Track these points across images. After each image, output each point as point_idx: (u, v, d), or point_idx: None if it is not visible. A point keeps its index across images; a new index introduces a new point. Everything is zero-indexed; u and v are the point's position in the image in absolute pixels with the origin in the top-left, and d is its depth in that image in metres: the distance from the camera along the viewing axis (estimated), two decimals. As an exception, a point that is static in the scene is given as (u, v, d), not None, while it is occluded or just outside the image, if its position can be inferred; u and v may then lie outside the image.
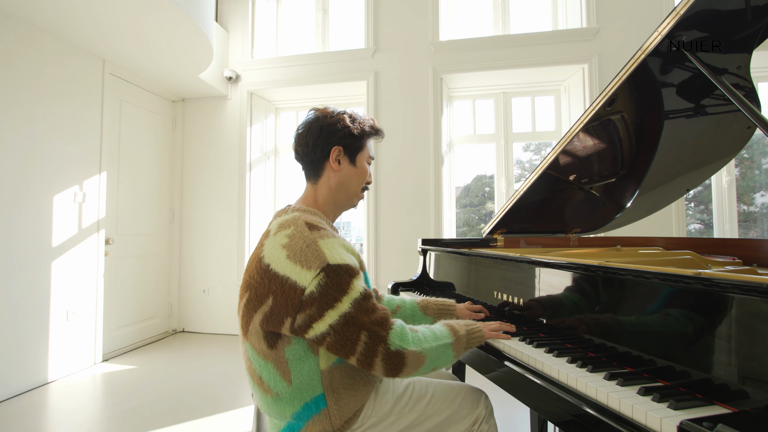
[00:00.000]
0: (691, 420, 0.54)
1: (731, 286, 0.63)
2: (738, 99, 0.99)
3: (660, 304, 0.77)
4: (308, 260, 0.79)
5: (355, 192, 1.02)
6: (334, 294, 0.78)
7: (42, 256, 2.44)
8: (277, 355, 0.82)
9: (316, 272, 0.78)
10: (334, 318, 0.77)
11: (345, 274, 0.80)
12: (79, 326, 2.69)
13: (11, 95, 2.27)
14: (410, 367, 0.82)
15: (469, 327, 0.96)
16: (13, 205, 2.28)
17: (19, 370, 2.31)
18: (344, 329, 0.78)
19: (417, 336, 0.85)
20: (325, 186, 0.98)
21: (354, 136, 0.98)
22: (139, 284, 3.30)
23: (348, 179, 0.99)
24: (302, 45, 3.84)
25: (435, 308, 1.19)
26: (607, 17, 3.09)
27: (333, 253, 0.81)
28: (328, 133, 0.96)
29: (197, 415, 2.05)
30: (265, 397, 0.85)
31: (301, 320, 0.78)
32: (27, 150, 2.36)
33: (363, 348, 0.78)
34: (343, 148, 0.97)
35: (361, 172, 1.01)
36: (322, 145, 0.96)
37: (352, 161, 0.99)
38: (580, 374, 0.75)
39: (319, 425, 0.83)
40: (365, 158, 1.02)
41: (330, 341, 0.78)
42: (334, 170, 0.97)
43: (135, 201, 3.26)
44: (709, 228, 3.49)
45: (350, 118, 0.99)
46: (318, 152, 0.96)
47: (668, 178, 1.93)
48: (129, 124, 3.19)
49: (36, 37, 2.41)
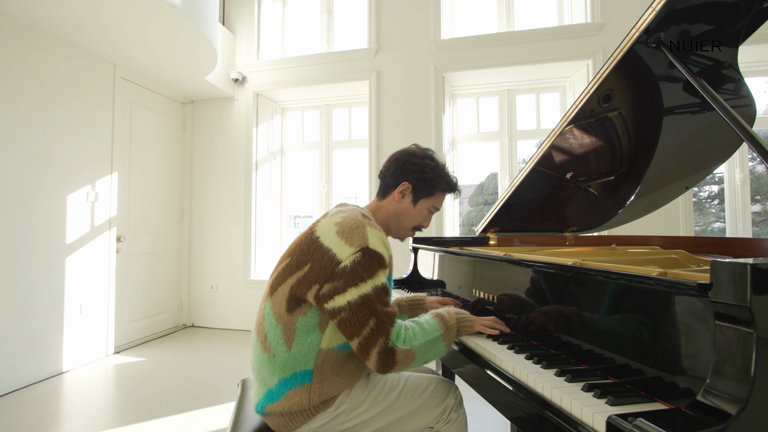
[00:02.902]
0: (618, 415, 0.55)
1: (666, 285, 0.64)
2: (713, 98, 0.98)
3: (617, 303, 0.77)
4: (353, 238, 0.88)
5: (405, 227, 1.13)
6: (362, 273, 0.85)
7: (56, 253, 2.57)
8: (290, 320, 0.90)
9: (355, 249, 0.87)
10: (354, 296, 0.84)
11: (377, 261, 0.88)
12: (92, 320, 2.82)
13: (27, 99, 2.40)
14: (401, 364, 0.86)
15: (459, 316, 0.99)
16: (28, 204, 2.41)
17: (35, 360, 2.44)
18: (359, 309, 0.84)
19: (409, 334, 0.90)
20: (385, 208, 1.11)
21: (425, 181, 1.08)
22: (149, 280, 3.42)
23: (404, 213, 1.10)
24: (307, 46, 3.89)
25: (406, 305, 1.25)
26: (612, 11, 3.03)
27: (374, 240, 0.90)
28: (407, 169, 1.08)
29: (201, 405, 2.14)
30: (263, 355, 0.92)
31: (326, 289, 0.86)
32: (42, 151, 2.48)
33: (368, 332, 0.84)
34: (412, 187, 1.08)
35: (417, 214, 1.11)
36: (398, 175, 1.08)
37: (414, 201, 1.09)
38: (532, 370, 0.76)
39: (298, 397, 0.89)
40: (428, 205, 1.12)
41: (343, 317, 0.85)
42: (396, 200, 1.09)
43: (146, 200, 3.38)
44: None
45: (433, 166, 1.09)
46: (392, 180, 1.09)
47: (667, 175, 1.89)
48: (140, 125, 3.31)
49: (50, 45, 2.53)
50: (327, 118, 3.95)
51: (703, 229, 3.60)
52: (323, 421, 0.92)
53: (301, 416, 0.90)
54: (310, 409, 0.90)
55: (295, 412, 0.90)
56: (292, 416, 0.90)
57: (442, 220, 3.26)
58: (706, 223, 3.63)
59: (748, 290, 0.49)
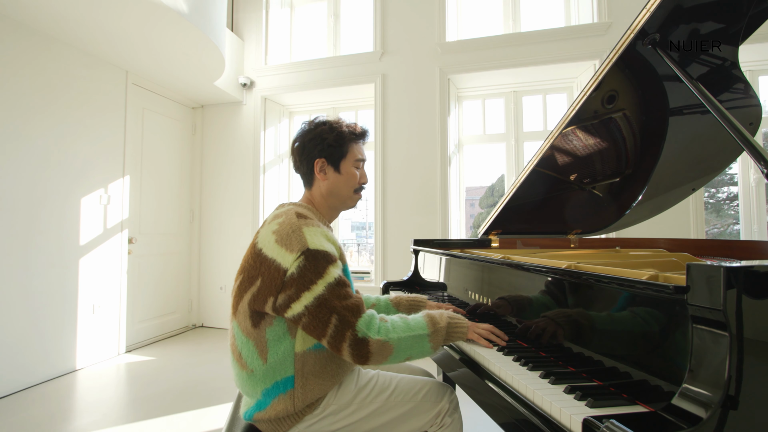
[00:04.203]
0: (594, 417, 0.56)
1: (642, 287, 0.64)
2: (706, 98, 0.97)
3: (605, 307, 0.77)
4: (291, 244, 0.87)
5: (347, 195, 1.08)
6: (310, 276, 0.85)
7: (70, 254, 2.65)
8: (258, 334, 0.90)
9: (297, 255, 0.86)
10: (309, 299, 0.84)
11: (323, 259, 0.87)
12: (105, 319, 2.90)
13: (42, 105, 2.49)
14: (376, 355, 0.85)
15: (452, 320, 0.96)
16: (43, 206, 2.49)
17: (50, 358, 2.52)
18: (317, 311, 0.84)
19: (385, 326, 0.89)
20: (317, 193, 1.07)
21: (332, 146, 1.03)
22: (160, 281, 3.50)
23: (336, 186, 1.05)
24: (315, 50, 3.94)
25: (406, 303, 1.25)
26: (619, 11, 3.00)
27: (314, 239, 0.88)
28: (309, 148, 1.04)
29: (208, 404, 2.18)
30: (241, 372, 0.93)
31: (281, 300, 0.86)
32: (56, 155, 2.57)
33: (333, 331, 0.84)
34: (326, 159, 1.04)
35: (348, 178, 1.06)
36: (307, 160, 1.05)
37: (336, 169, 1.05)
38: (518, 372, 0.77)
39: (283, 404, 0.90)
40: (350, 163, 1.06)
41: (305, 322, 0.85)
42: (321, 180, 1.05)
43: (157, 202, 3.47)
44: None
45: (329, 128, 1.04)
46: (305, 166, 1.05)
47: (674, 177, 1.86)
48: (151, 130, 3.39)
49: (65, 53, 2.63)
50: (334, 121, 3.98)
51: (721, 232, 3.50)
52: (311, 422, 0.92)
53: (288, 420, 0.91)
54: (296, 413, 0.91)
55: (282, 417, 0.90)
56: (279, 421, 0.91)
57: (447, 223, 3.26)
58: (724, 225, 3.52)
59: (722, 293, 0.49)
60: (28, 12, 2.26)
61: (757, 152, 0.82)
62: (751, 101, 1.49)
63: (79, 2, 2.18)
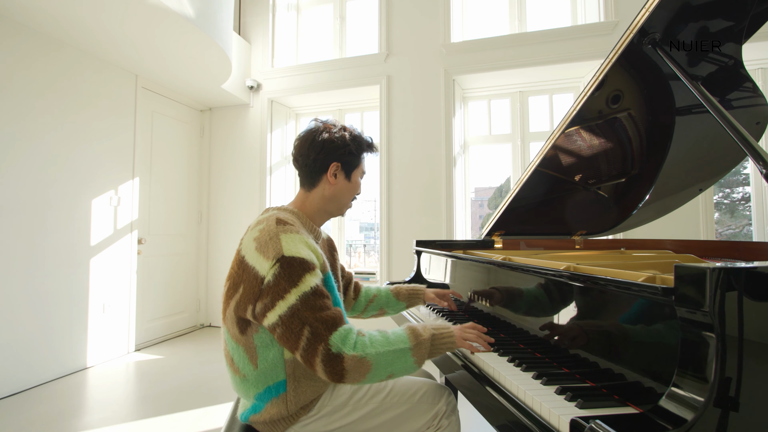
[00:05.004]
0: (582, 417, 0.56)
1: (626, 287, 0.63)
2: (704, 97, 0.96)
3: (600, 308, 0.77)
4: (268, 251, 0.85)
5: (345, 203, 1.10)
6: (284, 285, 0.82)
7: (81, 254, 2.71)
8: (247, 340, 0.90)
9: (272, 263, 0.84)
10: (283, 309, 0.82)
11: (298, 267, 0.84)
12: (115, 318, 2.96)
13: (54, 111, 2.56)
14: (352, 372, 0.80)
15: (437, 331, 0.90)
16: (55, 207, 2.56)
17: (61, 355, 2.59)
18: (290, 321, 0.81)
19: (362, 340, 0.83)
20: (318, 195, 1.05)
21: (353, 153, 1.04)
22: (169, 281, 3.56)
23: (341, 192, 1.06)
24: (321, 52, 3.97)
25: (406, 293, 1.27)
26: (626, 10, 2.96)
27: (290, 246, 0.86)
28: (329, 149, 1.02)
29: (213, 402, 2.22)
30: (235, 377, 0.94)
31: (258, 308, 0.85)
32: (67, 158, 2.64)
33: (305, 344, 0.80)
34: (341, 165, 1.03)
35: (354, 187, 1.08)
36: (322, 159, 1.02)
37: (347, 177, 1.06)
38: (511, 372, 0.77)
39: (276, 408, 0.90)
40: (359, 174, 1.09)
41: (279, 332, 0.83)
42: (330, 183, 1.04)
43: (166, 204, 3.53)
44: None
45: (350, 136, 1.05)
46: (317, 165, 1.02)
47: (681, 177, 1.84)
48: (160, 133, 3.45)
49: (77, 58, 2.69)
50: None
51: (735, 233, 3.43)
52: (306, 422, 0.93)
53: (284, 422, 0.91)
54: (290, 416, 0.91)
55: (276, 420, 0.91)
56: (274, 423, 0.91)
57: (452, 224, 3.26)
58: (739, 226, 3.44)
59: (707, 294, 0.49)
60: (32, 15, 2.28)
61: (756, 152, 0.80)
62: (758, 100, 1.46)
63: (82, 5, 2.20)
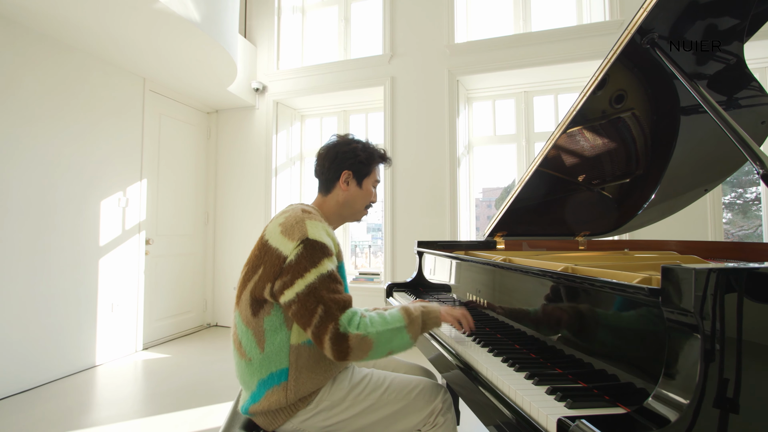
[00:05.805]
0: (568, 417, 0.56)
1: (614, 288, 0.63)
2: (701, 96, 0.95)
3: (594, 309, 0.77)
4: (293, 233, 0.94)
5: (359, 209, 1.18)
6: (305, 264, 0.90)
7: (90, 254, 2.77)
8: (257, 323, 0.96)
9: (297, 243, 0.92)
10: (301, 287, 0.89)
11: (320, 250, 0.93)
12: (123, 317, 3.01)
13: (61, 113, 2.61)
14: (356, 350, 0.87)
15: (425, 309, 1.00)
16: (65, 208, 2.61)
17: (70, 354, 2.64)
18: (306, 299, 0.88)
19: (364, 321, 0.91)
20: (333, 200, 1.15)
21: (362, 162, 1.14)
22: (176, 281, 3.61)
23: (354, 198, 1.15)
24: (326, 54, 4.00)
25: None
26: (632, 9, 2.94)
27: (314, 231, 0.95)
28: (341, 158, 1.13)
29: (217, 400, 2.25)
30: (240, 361, 0.99)
31: (278, 285, 0.92)
32: (76, 160, 2.69)
33: (318, 321, 0.87)
34: (353, 173, 1.13)
35: (366, 194, 1.17)
36: (335, 168, 1.13)
37: (359, 184, 1.15)
38: (503, 372, 0.77)
39: (276, 396, 0.93)
40: (371, 182, 1.18)
41: (294, 309, 0.89)
42: (342, 190, 1.14)
43: (173, 205, 3.58)
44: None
45: (362, 147, 1.16)
46: (331, 173, 1.14)
47: (686, 178, 1.82)
48: (167, 135, 3.51)
49: (86, 62, 2.75)
50: (345, 124, 4.03)
51: (748, 234, 3.37)
52: (304, 417, 0.95)
53: (282, 414, 0.94)
54: (289, 406, 0.94)
55: (275, 410, 0.94)
56: (273, 414, 0.94)
57: (456, 225, 3.26)
58: (752, 227, 3.39)
59: (693, 295, 0.49)
60: (37, 19, 2.30)
61: (753, 152, 0.80)
62: (763, 99, 1.45)
63: (85, 9, 2.23)
